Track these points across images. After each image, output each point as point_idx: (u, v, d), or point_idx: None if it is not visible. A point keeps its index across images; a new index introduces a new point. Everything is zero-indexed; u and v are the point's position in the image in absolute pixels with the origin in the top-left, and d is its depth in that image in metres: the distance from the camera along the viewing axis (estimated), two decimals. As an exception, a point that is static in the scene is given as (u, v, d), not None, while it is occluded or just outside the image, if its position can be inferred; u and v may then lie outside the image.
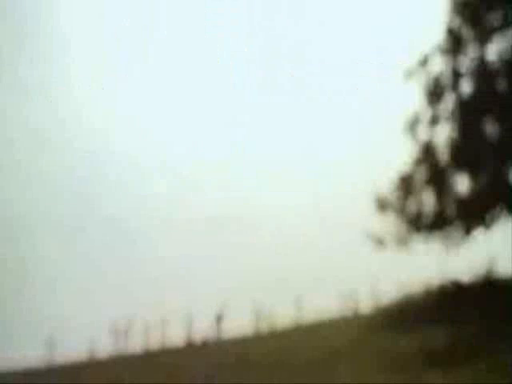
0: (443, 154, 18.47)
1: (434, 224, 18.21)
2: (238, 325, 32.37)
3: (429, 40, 19.11)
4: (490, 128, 17.87)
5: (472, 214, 17.88)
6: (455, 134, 18.39)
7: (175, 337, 31.80)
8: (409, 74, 19.24)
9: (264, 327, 32.12)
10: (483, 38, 18.32)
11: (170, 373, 16.98)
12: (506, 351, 11.43)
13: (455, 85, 18.60)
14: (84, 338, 31.08)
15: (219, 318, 31.92)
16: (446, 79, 18.81)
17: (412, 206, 18.69)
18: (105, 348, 31.14)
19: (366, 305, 25.50)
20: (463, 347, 12.51)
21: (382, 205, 18.99)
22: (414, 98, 19.21)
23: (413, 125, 19.00)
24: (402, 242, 18.71)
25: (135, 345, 31.45)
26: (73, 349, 29.19)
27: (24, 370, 24.83)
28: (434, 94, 18.89)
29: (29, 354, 28.35)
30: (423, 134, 18.93)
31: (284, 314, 31.36)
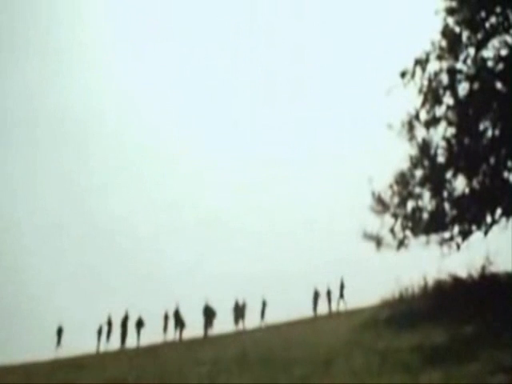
0: (440, 154, 18.51)
1: (431, 227, 18.24)
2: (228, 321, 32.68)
3: (426, 40, 19.16)
4: (488, 128, 17.92)
5: (469, 217, 17.92)
6: (452, 135, 18.42)
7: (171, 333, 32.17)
8: (406, 74, 19.25)
9: (264, 324, 32.30)
10: (481, 38, 18.33)
11: (168, 366, 17.09)
12: (506, 349, 11.46)
13: (452, 85, 18.61)
14: (86, 333, 31.27)
15: (211, 314, 32.17)
16: (444, 79, 18.81)
17: (409, 207, 18.75)
18: (106, 343, 31.48)
19: (364, 302, 25.58)
20: (462, 345, 12.55)
21: (380, 205, 19.05)
22: (412, 98, 19.23)
23: (410, 125, 19.01)
24: (400, 243, 18.78)
25: (134, 340, 31.75)
26: (76, 343, 29.44)
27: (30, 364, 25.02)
28: (432, 94, 18.89)
29: (35, 349, 28.62)
30: (420, 134, 18.95)
31: (283, 312, 31.50)
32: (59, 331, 31.59)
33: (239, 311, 33.23)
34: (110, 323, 31.84)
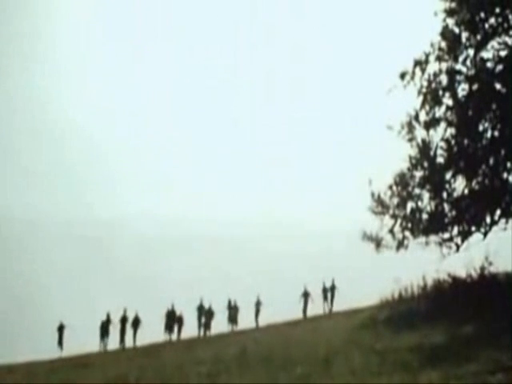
0: (440, 155, 18.51)
1: (431, 228, 18.23)
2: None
3: (426, 41, 19.17)
4: (487, 129, 17.94)
5: (469, 218, 17.92)
6: (452, 135, 18.43)
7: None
8: (406, 75, 19.26)
9: (258, 324, 32.38)
10: (480, 39, 18.34)
11: (168, 366, 17.14)
12: (505, 349, 11.48)
13: (452, 86, 18.62)
14: (87, 332, 31.37)
15: (209, 314, 32.31)
16: (443, 80, 18.82)
17: (409, 208, 18.75)
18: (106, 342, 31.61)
19: (363, 302, 25.66)
20: (461, 346, 12.57)
21: (379, 206, 19.06)
22: (411, 99, 19.25)
23: (410, 126, 19.02)
24: (400, 244, 18.80)
25: (131, 339, 31.89)
26: (77, 342, 29.57)
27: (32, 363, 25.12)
28: (431, 94, 18.89)
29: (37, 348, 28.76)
30: (420, 135, 18.95)
31: (282, 312, 31.58)
32: (60, 328, 31.63)
33: (233, 310, 33.29)
34: (108, 322, 31.97)
